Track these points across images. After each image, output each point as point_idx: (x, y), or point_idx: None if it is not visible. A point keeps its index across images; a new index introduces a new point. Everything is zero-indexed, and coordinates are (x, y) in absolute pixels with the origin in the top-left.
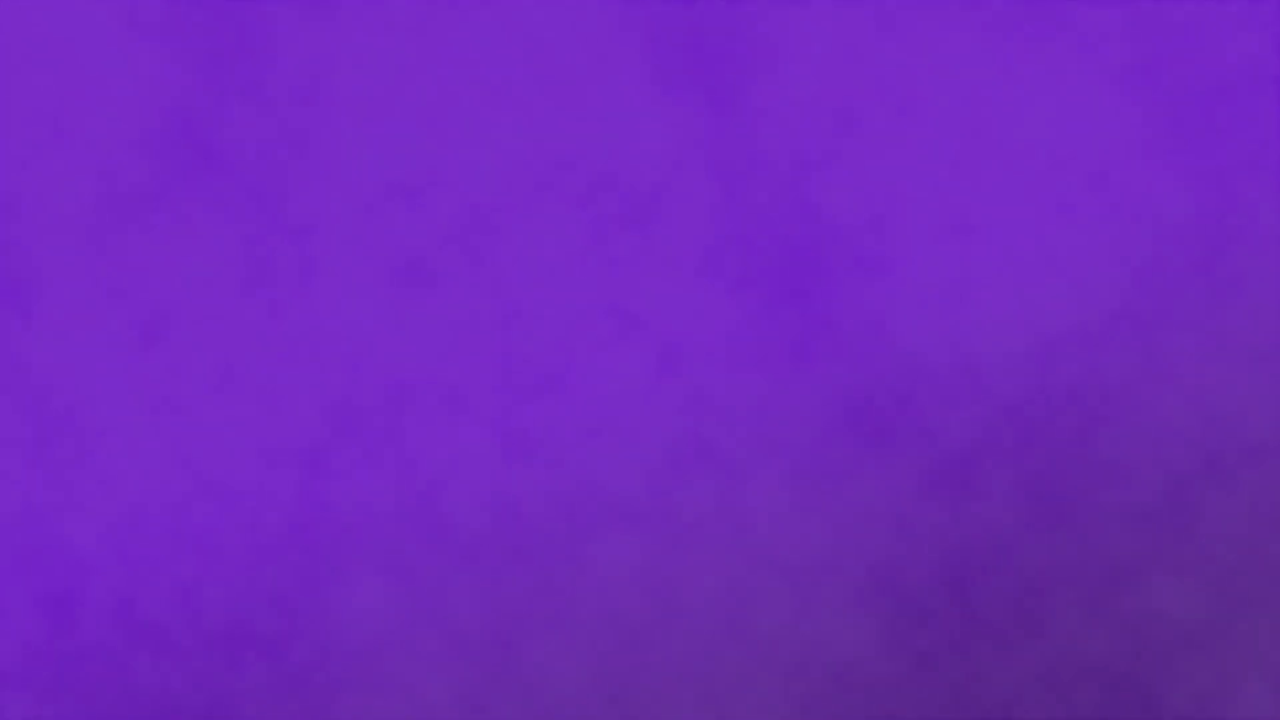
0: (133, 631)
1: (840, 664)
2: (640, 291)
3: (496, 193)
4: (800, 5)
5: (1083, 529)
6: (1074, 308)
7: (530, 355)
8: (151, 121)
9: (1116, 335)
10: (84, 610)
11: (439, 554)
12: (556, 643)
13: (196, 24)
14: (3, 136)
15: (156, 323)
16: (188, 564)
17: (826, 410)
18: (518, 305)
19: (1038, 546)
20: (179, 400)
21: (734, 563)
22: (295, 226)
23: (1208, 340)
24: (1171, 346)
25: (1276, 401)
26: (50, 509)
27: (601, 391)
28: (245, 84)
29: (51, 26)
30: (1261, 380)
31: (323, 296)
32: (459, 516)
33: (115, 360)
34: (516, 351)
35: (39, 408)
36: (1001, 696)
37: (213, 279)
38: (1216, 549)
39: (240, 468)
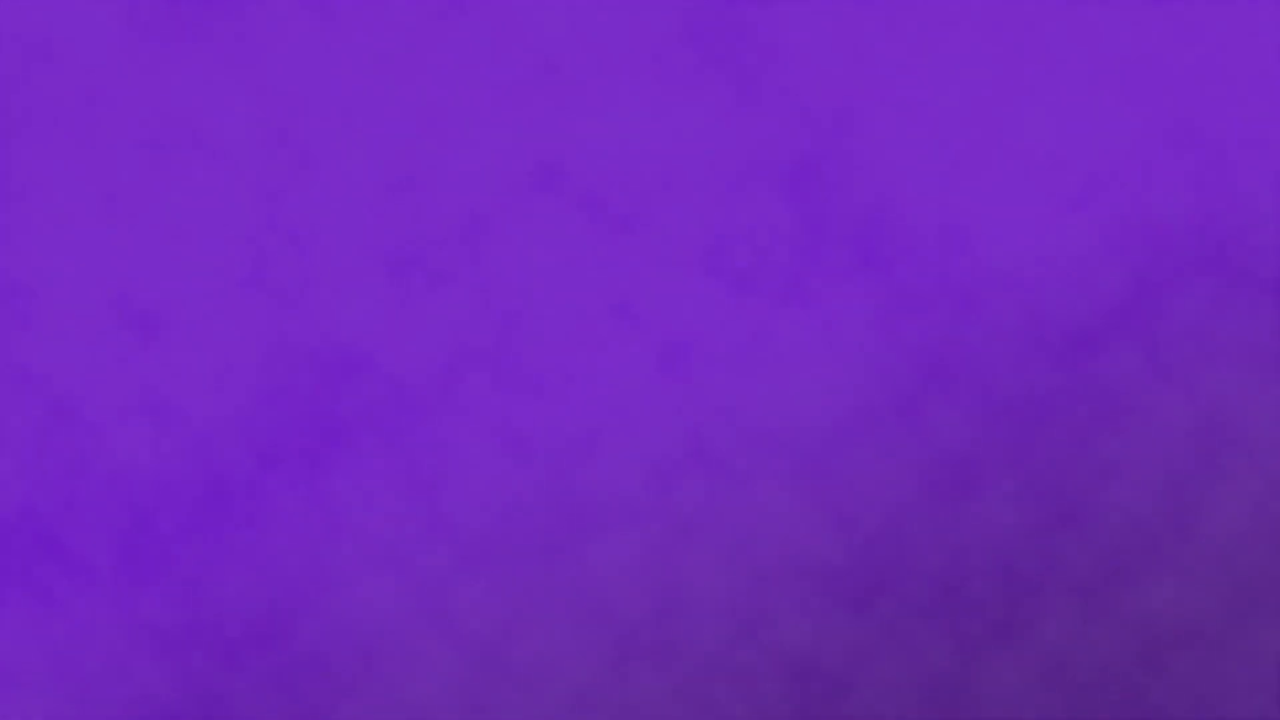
0: (131, 631)
1: (840, 664)
2: (640, 291)
3: (496, 192)
4: (803, 3)
5: (1083, 529)
6: (1074, 308)
7: (530, 355)
8: (150, 118)
9: (1116, 335)
10: (83, 610)
11: (438, 554)
12: (556, 642)
13: (196, 22)
14: (2, 133)
15: (155, 322)
16: (187, 564)
17: (826, 410)
18: (518, 305)
19: (1037, 546)
20: (177, 399)
21: (734, 563)
22: (294, 225)
23: (1208, 340)
24: (1171, 346)
25: (1276, 401)
26: (49, 508)
27: (601, 391)
28: (244, 82)
29: (51, 25)
30: (1261, 380)
31: (321, 296)
32: (458, 516)
33: (113, 359)
34: (516, 351)
35: (37, 407)
36: (1001, 696)
37: (211, 278)
38: (1216, 549)
39: (239, 467)
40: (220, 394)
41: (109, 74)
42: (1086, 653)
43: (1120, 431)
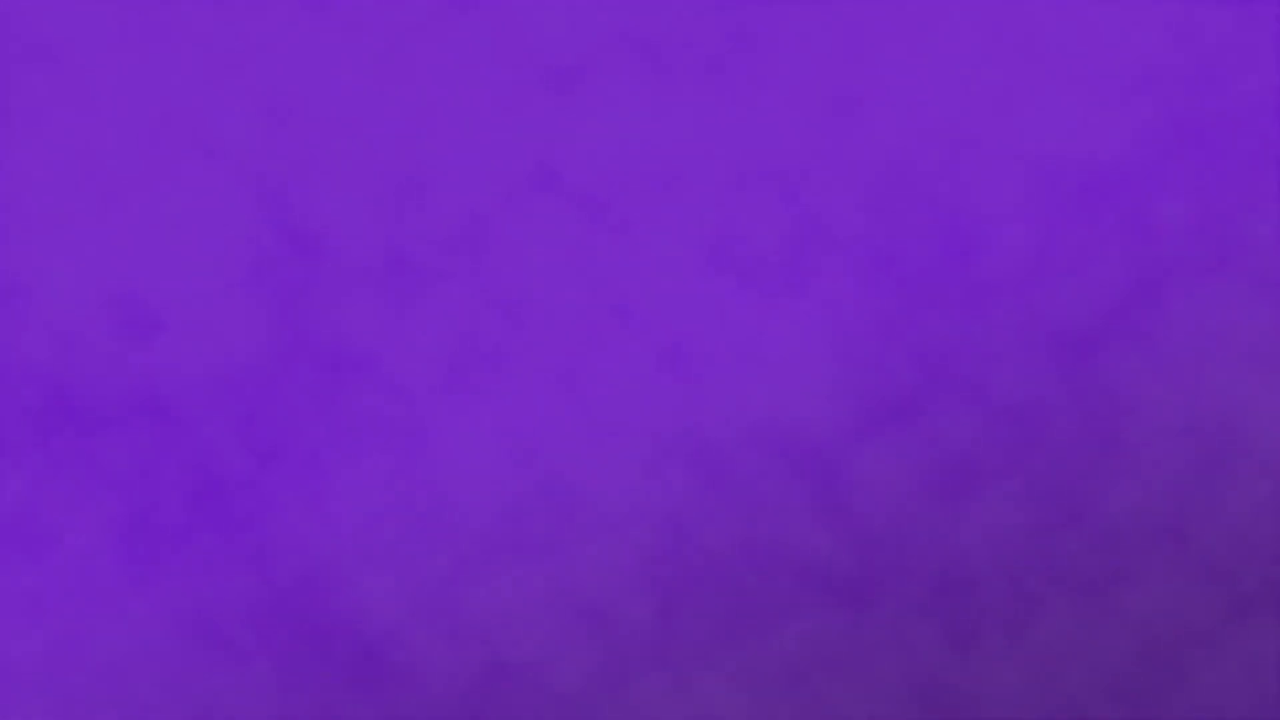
0: (132, 631)
1: (841, 664)
2: (640, 291)
3: (496, 192)
4: (803, 3)
5: (1083, 529)
6: (1074, 308)
7: (530, 355)
8: (150, 118)
9: (1116, 335)
10: (83, 610)
11: (438, 554)
12: (555, 642)
13: (196, 22)
14: (2, 133)
15: (155, 322)
16: (187, 563)
17: (827, 410)
18: (517, 305)
19: (1038, 546)
20: (178, 398)
21: (734, 563)
22: (294, 225)
23: (1208, 340)
24: (1172, 346)
25: (1277, 401)
26: (48, 508)
27: (601, 391)
28: (244, 82)
29: (52, 24)
30: (1262, 380)
31: (321, 296)
32: (458, 516)
33: (113, 359)
34: (516, 351)
35: (37, 405)
36: (1001, 696)
37: (211, 278)
38: (1217, 549)
39: (238, 467)
40: (220, 394)
41: (109, 74)
42: (1086, 653)
43: (1120, 431)
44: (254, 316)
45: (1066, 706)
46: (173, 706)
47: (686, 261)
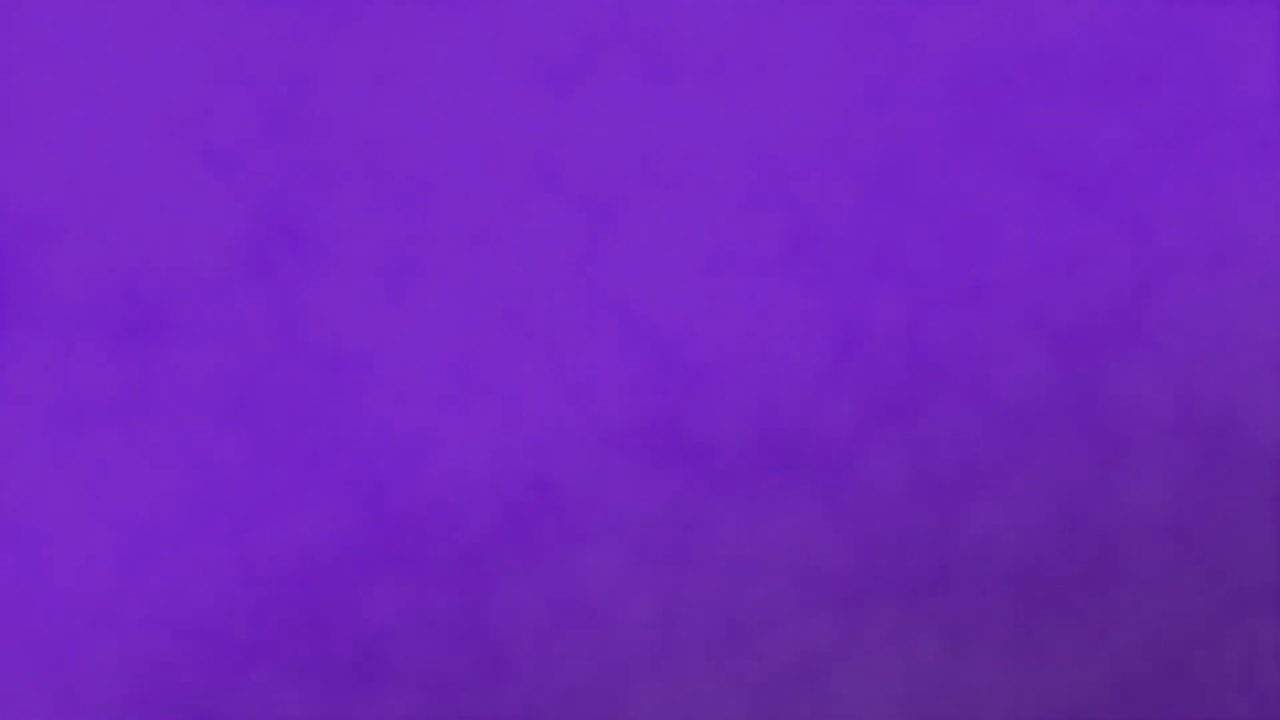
0: (132, 632)
1: (840, 664)
2: (640, 291)
3: (497, 192)
4: (801, 4)
5: (1083, 529)
6: (1074, 308)
7: (530, 355)
8: (150, 117)
9: (1116, 335)
10: (86, 611)
11: (438, 554)
12: (552, 643)
13: (197, 22)
14: (2, 133)
15: (155, 321)
16: (186, 565)
17: (827, 410)
18: (517, 305)
19: (1037, 546)
20: (178, 397)
21: (734, 563)
22: (295, 225)
23: (1208, 340)
24: (1171, 346)
25: (1277, 401)
26: (50, 508)
27: (600, 391)
28: (245, 81)
29: (52, 24)
30: (1262, 380)
31: (321, 295)
32: (459, 516)
33: (114, 359)
34: (516, 351)
35: (37, 403)
36: (1001, 696)
37: (211, 278)
38: (1217, 549)
39: (237, 467)
40: (219, 394)
41: (109, 74)
42: (1086, 653)
43: (1120, 431)
44: (253, 315)
45: (1066, 706)
46: (172, 707)
47: (686, 261)
